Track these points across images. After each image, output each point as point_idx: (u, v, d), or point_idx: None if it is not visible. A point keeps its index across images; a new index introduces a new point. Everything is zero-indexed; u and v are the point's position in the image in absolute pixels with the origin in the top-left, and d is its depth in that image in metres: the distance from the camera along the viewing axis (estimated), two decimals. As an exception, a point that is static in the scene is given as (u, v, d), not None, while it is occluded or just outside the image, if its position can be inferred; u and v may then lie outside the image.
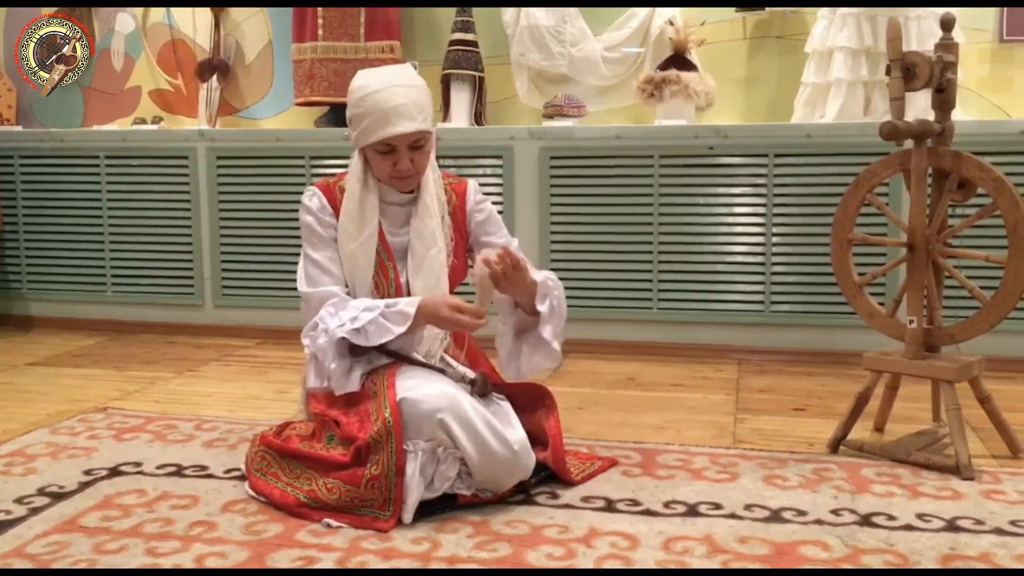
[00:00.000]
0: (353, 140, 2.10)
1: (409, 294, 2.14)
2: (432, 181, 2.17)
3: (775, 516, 1.94)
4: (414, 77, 2.09)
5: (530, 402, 2.20)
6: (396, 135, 2.02)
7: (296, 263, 2.20)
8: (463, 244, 2.25)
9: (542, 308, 2.09)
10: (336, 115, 3.92)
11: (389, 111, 2.00)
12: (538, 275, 2.12)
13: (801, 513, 1.95)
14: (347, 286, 2.15)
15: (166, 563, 1.74)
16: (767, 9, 3.63)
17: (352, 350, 2.07)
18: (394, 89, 2.02)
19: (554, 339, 2.12)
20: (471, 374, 2.09)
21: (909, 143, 2.26)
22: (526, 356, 2.15)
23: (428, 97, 2.09)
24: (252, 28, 4.24)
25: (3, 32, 4.48)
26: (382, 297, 2.14)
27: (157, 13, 4.32)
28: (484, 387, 2.05)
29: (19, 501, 2.04)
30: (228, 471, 2.22)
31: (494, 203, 2.43)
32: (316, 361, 2.08)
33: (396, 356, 2.09)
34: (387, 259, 2.16)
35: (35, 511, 1.98)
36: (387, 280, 2.15)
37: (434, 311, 2.02)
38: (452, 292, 2.18)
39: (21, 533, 1.87)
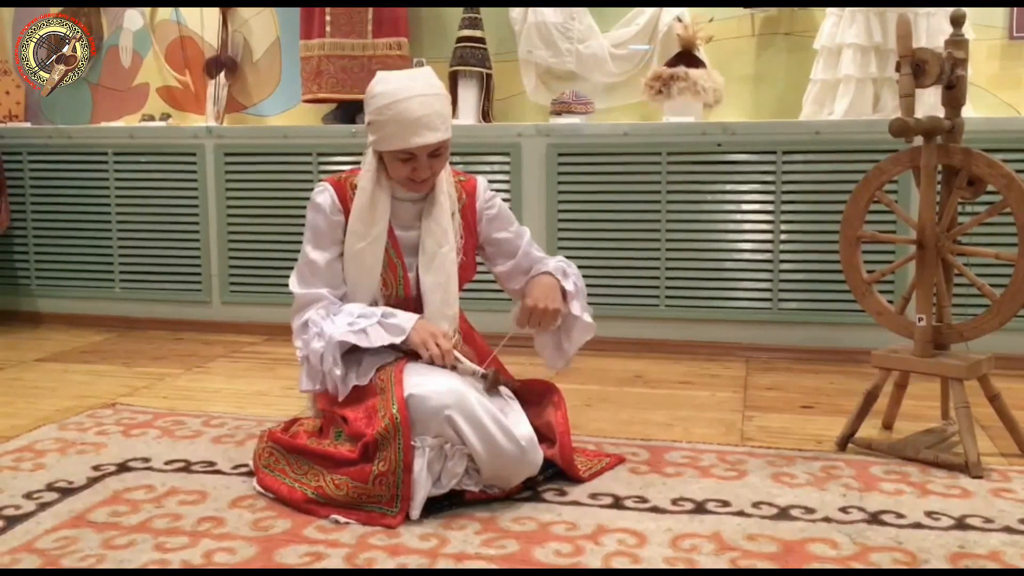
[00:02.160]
0: (371, 143, 2.09)
1: (418, 289, 2.14)
2: (444, 179, 2.17)
3: (783, 514, 1.94)
4: (434, 84, 2.07)
5: (538, 399, 2.20)
6: (420, 146, 2.02)
7: (301, 259, 2.21)
8: (473, 242, 2.24)
9: (567, 285, 2.19)
10: (343, 112, 3.92)
11: (414, 122, 2.00)
12: (551, 262, 2.24)
13: (809, 511, 1.95)
14: (339, 289, 2.15)
15: (174, 559, 1.74)
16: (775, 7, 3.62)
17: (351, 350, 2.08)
18: (418, 99, 2.01)
19: (583, 312, 2.21)
20: (481, 370, 2.09)
21: (918, 140, 2.25)
22: (566, 338, 2.24)
23: (448, 103, 2.09)
24: (260, 25, 4.24)
25: (10, 30, 4.49)
26: (389, 294, 2.15)
27: (165, 10, 4.33)
28: (495, 383, 2.05)
29: (28, 496, 2.04)
30: (236, 467, 2.23)
31: (502, 200, 2.43)
32: (308, 364, 2.09)
33: (404, 352, 2.09)
34: (395, 256, 2.15)
35: (44, 506, 1.99)
36: (395, 277, 2.15)
37: (420, 338, 2.04)
38: (460, 289, 2.19)
39: (30, 528, 1.88)
